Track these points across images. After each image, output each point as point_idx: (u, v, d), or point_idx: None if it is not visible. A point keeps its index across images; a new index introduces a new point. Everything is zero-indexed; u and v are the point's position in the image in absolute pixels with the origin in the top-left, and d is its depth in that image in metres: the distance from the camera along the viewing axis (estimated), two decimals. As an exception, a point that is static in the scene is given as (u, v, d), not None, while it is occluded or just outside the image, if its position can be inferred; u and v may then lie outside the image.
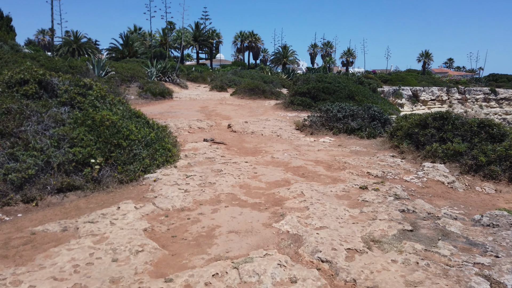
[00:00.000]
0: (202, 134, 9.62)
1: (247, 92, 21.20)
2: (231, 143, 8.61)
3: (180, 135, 9.31)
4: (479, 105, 44.68)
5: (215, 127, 10.84)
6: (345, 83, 15.06)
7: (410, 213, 4.33)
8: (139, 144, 5.85)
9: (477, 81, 49.68)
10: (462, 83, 48.21)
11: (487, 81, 49.55)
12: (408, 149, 7.18)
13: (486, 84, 47.96)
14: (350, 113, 9.29)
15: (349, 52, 65.17)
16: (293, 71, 41.37)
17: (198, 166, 6.31)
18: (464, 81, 50.54)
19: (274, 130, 10.06)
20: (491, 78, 50.32)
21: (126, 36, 42.57)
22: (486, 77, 51.88)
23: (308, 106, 14.56)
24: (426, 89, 42.87)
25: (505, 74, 51.17)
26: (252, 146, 8.37)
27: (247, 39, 58.08)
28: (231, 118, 12.88)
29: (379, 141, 8.53)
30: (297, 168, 6.40)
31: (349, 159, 6.96)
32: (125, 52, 42.24)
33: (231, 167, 6.31)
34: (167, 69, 26.61)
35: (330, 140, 8.81)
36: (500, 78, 49.84)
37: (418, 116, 7.39)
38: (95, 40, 67.95)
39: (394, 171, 6.19)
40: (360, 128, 9.06)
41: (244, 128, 10.31)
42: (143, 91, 19.96)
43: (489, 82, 48.72)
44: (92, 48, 46.01)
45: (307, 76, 15.84)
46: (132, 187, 5.27)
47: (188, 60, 70.05)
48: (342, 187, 5.24)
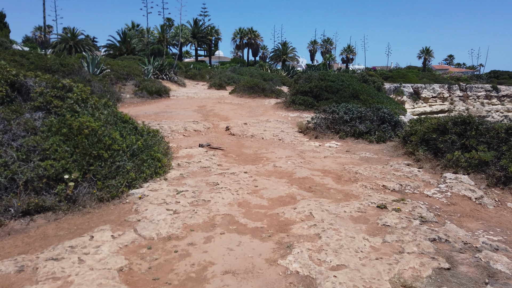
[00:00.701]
0: (198, 138, 8.86)
1: (246, 91, 20.41)
2: (229, 149, 7.85)
3: (174, 139, 8.54)
4: (481, 102, 43.94)
5: (212, 130, 10.08)
6: (348, 82, 14.28)
7: (443, 242, 3.58)
8: (123, 154, 5.09)
9: (478, 78, 48.90)
10: (463, 80, 47.44)
11: (488, 78, 48.78)
12: (425, 157, 6.42)
13: (488, 81, 47.20)
14: (358, 115, 8.53)
15: (349, 49, 64.19)
16: (293, 68, 40.55)
17: (191, 178, 5.55)
18: (465, 78, 49.76)
19: (276, 133, 9.29)
20: (492, 75, 49.56)
21: (124, 33, 41.68)
22: (487, 74, 51.11)
23: (311, 106, 13.79)
24: (427, 86, 42.09)
25: (507, 71, 50.41)
26: (252, 152, 7.61)
27: (246, 35, 57.11)
28: (230, 119, 12.11)
29: (390, 146, 7.77)
30: (302, 180, 5.64)
31: (360, 168, 6.21)
32: (123, 49, 41.37)
33: (228, 179, 5.56)
34: (164, 66, 25.79)
35: (337, 145, 8.05)
36: (502, 75, 49.08)
37: (436, 120, 6.63)
38: (93, 37, 67.06)
39: (413, 183, 5.44)
40: (369, 131, 8.31)
41: (243, 130, 9.54)
42: (139, 90, 19.18)
43: (491, 79, 47.96)
44: (89, 45, 45.15)
45: (309, 74, 15.06)
46: (113, 206, 4.51)
47: (187, 57, 69.05)
48: (357, 206, 4.48)
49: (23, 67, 14.26)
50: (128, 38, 41.21)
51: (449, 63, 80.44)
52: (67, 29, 44.59)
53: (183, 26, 49.85)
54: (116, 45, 42.01)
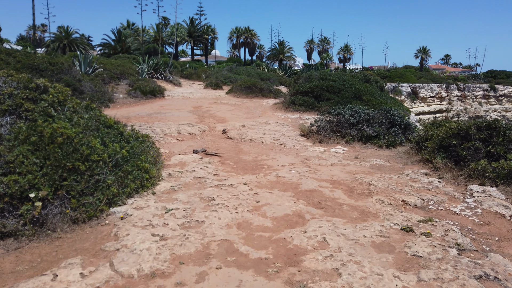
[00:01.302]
0: (192, 142, 8.13)
1: (244, 90, 19.69)
2: (226, 155, 7.13)
3: (166, 144, 7.81)
4: (479, 102, 43.49)
5: (208, 133, 9.35)
6: (350, 81, 13.60)
7: (491, 280, 2.88)
8: (104, 166, 4.36)
9: (475, 78, 48.43)
10: (461, 79, 46.96)
11: (485, 77, 48.34)
12: (445, 165, 5.73)
13: (485, 81, 46.76)
14: (365, 117, 7.83)
15: (346, 48, 63.45)
16: (290, 68, 39.86)
17: (184, 192, 4.82)
18: (462, 77, 49.29)
19: (276, 137, 8.58)
20: (490, 75, 49.12)
21: (119, 32, 40.81)
22: (484, 73, 50.67)
23: (311, 107, 13.10)
24: (425, 86, 41.55)
25: (504, 71, 49.99)
26: (252, 158, 6.90)
27: (243, 35, 56.24)
28: (227, 120, 11.39)
29: (402, 152, 7.08)
30: (310, 193, 4.93)
31: (373, 178, 5.51)
32: (118, 48, 40.53)
33: (226, 192, 4.84)
34: (159, 65, 25.02)
35: (343, 151, 7.35)
36: (499, 75, 48.65)
37: (455, 124, 5.94)
38: (88, 36, 66.04)
39: (436, 197, 4.74)
40: (377, 135, 7.61)
41: (241, 134, 8.82)
42: (132, 90, 18.41)
43: (488, 79, 47.52)
44: (84, 44, 44.23)
45: (309, 73, 14.36)
46: (89, 228, 3.78)
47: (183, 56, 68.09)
48: (378, 228, 3.78)
49: (9, 66, 13.46)
50: (123, 37, 40.35)
51: (445, 62, 79.98)
52: (62, 28, 43.65)
53: (179, 25, 49.03)
54: (111, 44, 41.15)
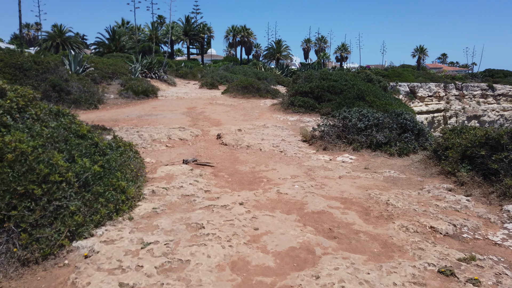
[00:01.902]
0: (183, 150, 7.29)
1: (240, 90, 18.84)
2: (221, 164, 6.29)
3: (153, 152, 6.96)
4: (477, 101, 42.90)
5: (201, 138, 8.50)
6: (353, 81, 12.79)
7: None
8: (68, 188, 3.51)
9: (473, 77, 47.82)
10: (459, 78, 46.34)
11: (483, 76, 47.76)
12: (471, 179, 4.93)
13: (483, 80, 46.17)
14: (374, 122, 7.02)
15: (344, 47, 62.56)
16: (287, 67, 39.05)
17: (168, 216, 3.99)
18: (460, 76, 48.69)
19: (276, 143, 7.75)
20: (487, 74, 48.55)
21: (113, 30, 39.82)
22: (482, 72, 50.09)
23: (311, 108, 12.28)
24: (423, 85, 40.87)
25: (501, 70, 49.43)
26: (249, 169, 6.07)
27: (239, 33, 55.22)
28: (222, 123, 10.55)
29: (416, 162, 6.27)
30: (318, 216, 4.12)
31: (390, 195, 4.70)
32: (112, 47, 39.54)
33: (218, 216, 4.00)
34: (153, 64, 24.11)
35: (351, 159, 6.53)
36: (496, 74, 48.09)
37: (482, 132, 5.14)
38: (83, 35, 64.86)
39: (469, 222, 3.94)
40: (388, 142, 6.81)
41: (238, 139, 7.99)
42: (124, 90, 17.52)
43: (486, 78, 46.94)
44: (77, 43, 43.22)
45: (309, 73, 13.53)
46: (43, 272, 2.94)
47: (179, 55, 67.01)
48: (410, 271, 2.96)
49: (-11, 65, 12.56)
50: (117, 35, 39.36)
51: (442, 61, 79.28)
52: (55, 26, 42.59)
53: (175, 23, 48.01)
54: (105, 43, 40.15)
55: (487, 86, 42.72)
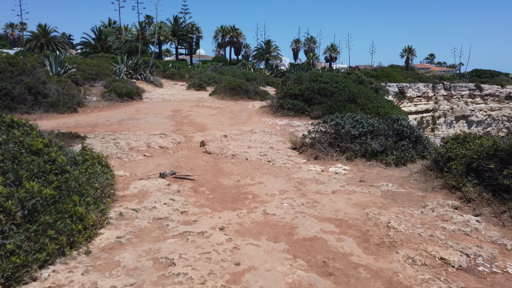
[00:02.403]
0: (162, 160, 6.65)
1: (228, 92, 18.22)
2: (202, 177, 5.67)
3: (129, 163, 6.31)
4: (465, 101, 42.93)
5: (183, 145, 7.86)
6: (344, 83, 12.26)
7: None
8: (6, 220, 2.87)
9: (461, 77, 47.90)
10: (447, 79, 46.36)
11: (470, 76, 47.87)
12: (479, 195, 4.40)
13: (470, 80, 46.27)
14: (369, 129, 6.46)
15: (333, 48, 62.17)
16: (276, 67, 38.51)
17: (133, 248, 3.36)
18: (448, 77, 48.74)
19: (263, 151, 7.15)
20: (475, 74, 48.67)
21: (99, 30, 38.80)
22: (469, 72, 50.21)
23: (301, 111, 11.72)
24: (412, 85, 40.71)
25: (488, 70, 49.57)
26: (233, 183, 5.46)
27: (228, 33, 54.43)
28: (207, 128, 9.92)
29: (415, 172, 5.73)
30: (310, 244, 3.53)
31: (390, 215, 4.14)
32: (98, 47, 38.52)
33: (193, 247, 3.39)
34: (139, 65, 23.33)
35: (345, 170, 5.96)
36: (483, 74, 48.22)
37: (490, 142, 4.60)
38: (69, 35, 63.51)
39: (483, 250, 3.39)
40: (384, 150, 6.26)
41: (223, 147, 7.37)
42: (107, 92, 16.75)
43: (473, 78, 47.05)
44: (62, 43, 42.11)
45: (298, 74, 12.96)
46: (-37, 335, 2.30)
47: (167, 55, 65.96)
48: (424, 325, 2.39)
49: (-41, 67, 11.73)
50: (104, 35, 38.36)
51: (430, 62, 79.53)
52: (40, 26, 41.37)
53: (163, 23, 47.04)
54: (90, 43, 39.11)
55: (475, 86, 42.79)
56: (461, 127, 41.89)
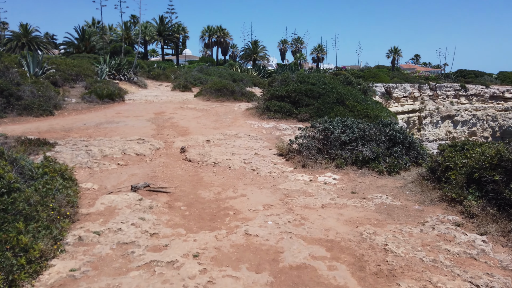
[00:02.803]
0: (138, 169, 6.08)
1: (214, 93, 17.66)
2: (180, 189, 5.13)
3: (99, 174, 5.72)
4: (450, 102, 43.17)
5: (162, 152, 7.30)
6: (332, 84, 11.83)
7: None
8: None
9: (446, 77, 48.23)
10: (432, 79, 46.60)
11: (455, 77, 48.24)
12: (483, 210, 3.97)
13: (455, 80, 46.64)
14: (359, 134, 6.01)
15: (320, 48, 61.89)
16: (264, 68, 38.03)
17: (87, 285, 2.80)
18: (433, 77, 49.03)
19: (248, 158, 6.63)
20: (459, 74, 49.09)
21: (82, 30, 37.76)
22: (454, 73, 50.61)
23: (288, 114, 11.25)
24: (398, 85, 40.74)
25: (473, 70, 50.06)
26: (213, 196, 4.93)
27: (215, 34, 53.67)
28: (189, 133, 9.37)
29: (410, 181, 5.29)
30: (298, 275, 3.03)
31: (387, 236, 3.67)
32: (81, 47, 37.50)
33: (159, 283, 2.85)
34: (122, 65, 22.57)
35: (335, 180, 5.49)
36: (468, 74, 48.67)
37: (493, 151, 4.17)
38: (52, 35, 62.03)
39: (496, 282, 2.93)
40: (376, 157, 5.81)
41: (204, 154, 6.83)
42: (87, 93, 16.03)
43: (458, 78, 47.43)
44: (44, 43, 40.84)
45: (285, 75, 12.48)
46: None
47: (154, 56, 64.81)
48: None
49: None
50: (87, 35, 37.34)
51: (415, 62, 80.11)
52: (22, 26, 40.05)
53: (148, 23, 46.04)
54: (73, 43, 38.06)
55: (460, 86, 43.07)
56: (446, 127, 42.13)
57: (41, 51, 38.77)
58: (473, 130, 42.98)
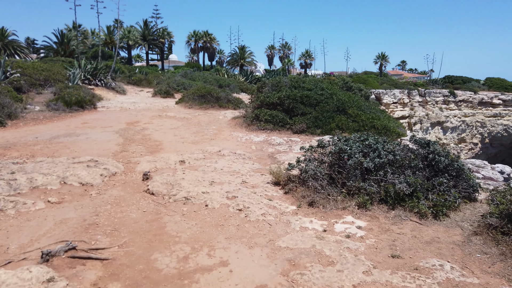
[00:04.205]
0: (73, 210, 4.14)
1: (197, 100, 15.77)
2: (126, 251, 3.23)
3: (10, 221, 3.77)
4: (439, 108, 42.11)
5: (118, 179, 5.36)
6: (330, 90, 10.08)
7: None
8: None
9: (434, 83, 47.31)
10: (421, 85, 45.60)
11: (443, 83, 47.35)
12: None
13: (443, 86, 45.73)
14: (388, 158, 4.21)
15: (308, 54, 60.26)
16: (251, 73, 36.26)
17: None
18: (421, 83, 48.07)
19: (233, 190, 4.76)
20: (447, 80, 48.20)
21: (61, 33, 35.42)
22: (442, 79, 49.69)
23: (281, 124, 9.44)
24: (388, 92, 39.46)
25: (460, 76, 49.27)
26: (175, 265, 3.04)
27: (201, 39, 51.62)
28: (162, 148, 7.48)
29: (472, 232, 3.50)
30: None
31: None
32: (61, 51, 35.15)
33: None
34: (99, 70, 20.48)
35: (361, 229, 3.65)
36: (456, 80, 47.80)
37: None
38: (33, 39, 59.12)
39: None
40: (413, 192, 4.01)
41: (174, 183, 4.93)
42: (53, 100, 13.97)
43: (446, 84, 46.54)
44: (22, 47, 38.34)
45: (277, 79, 10.67)
46: None
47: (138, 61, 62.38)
48: None
49: None
50: (67, 39, 35.04)
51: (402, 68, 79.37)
52: (0, 29, 37.48)
53: (132, 27, 43.82)
54: (52, 47, 35.68)
55: (449, 92, 42.08)
56: (436, 134, 41.00)
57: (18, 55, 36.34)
58: (462, 137, 42.00)
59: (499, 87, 45.59)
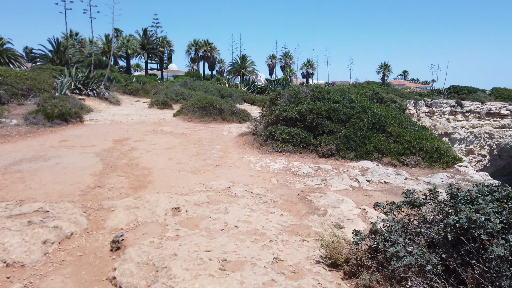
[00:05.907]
0: None
1: (197, 112, 13.72)
2: None
3: None
4: (446, 119, 40.18)
5: (72, 248, 3.27)
6: (362, 103, 8.05)
7: None
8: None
9: (439, 93, 45.49)
10: (426, 95, 43.74)
11: (448, 93, 45.53)
12: None
13: (449, 97, 43.88)
14: None
15: (309, 63, 58.37)
16: (253, 82, 34.31)
17: None
18: (426, 93, 46.24)
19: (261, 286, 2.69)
20: (452, 90, 46.42)
21: (57, 42, 33.51)
22: (447, 89, 47.93)
23: (303, 145, 7.38)
24: (394, 102, 37.52)
25: (466, 86, 47.46)
26: None
27: (201, 48, 49.74)
28: (151, 181, 5.40)
29: None
30: None
31: None
32: (56, 60, 33.21)
33: None
34: (91, 78, 18.46)
35: None
36: (461, 90, 46.03)
37: None
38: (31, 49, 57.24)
39: None
40: None
41: (159, 265, 2.85)
42: (33, 113, 11.90)
43: (451, 94, 44.71)
44: (16, 56, 36.39)
45: (295, 90, 8.63)
46: None
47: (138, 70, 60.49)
48: None
49: None
50: (62, 47, 33.11)
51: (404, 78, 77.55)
52: None
53: (131, 36, 41.98)
54: (48, 55, 33.75)
55: (456, 103, 40.20)
56: (444, 145, 39.03)
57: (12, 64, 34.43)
58: (470, 148, 40.02)
59: (505, 97, 43.72)
